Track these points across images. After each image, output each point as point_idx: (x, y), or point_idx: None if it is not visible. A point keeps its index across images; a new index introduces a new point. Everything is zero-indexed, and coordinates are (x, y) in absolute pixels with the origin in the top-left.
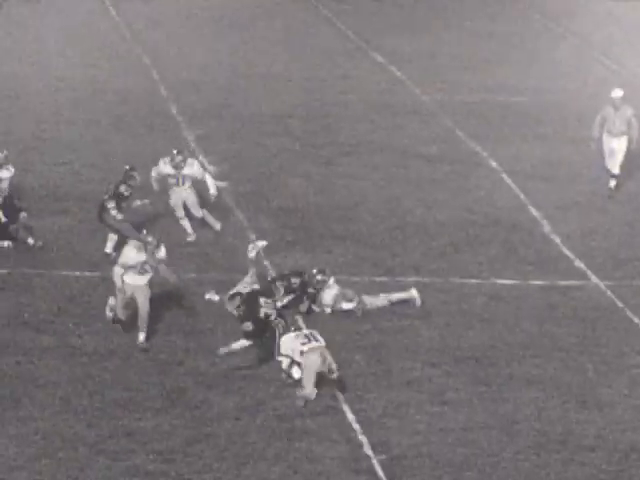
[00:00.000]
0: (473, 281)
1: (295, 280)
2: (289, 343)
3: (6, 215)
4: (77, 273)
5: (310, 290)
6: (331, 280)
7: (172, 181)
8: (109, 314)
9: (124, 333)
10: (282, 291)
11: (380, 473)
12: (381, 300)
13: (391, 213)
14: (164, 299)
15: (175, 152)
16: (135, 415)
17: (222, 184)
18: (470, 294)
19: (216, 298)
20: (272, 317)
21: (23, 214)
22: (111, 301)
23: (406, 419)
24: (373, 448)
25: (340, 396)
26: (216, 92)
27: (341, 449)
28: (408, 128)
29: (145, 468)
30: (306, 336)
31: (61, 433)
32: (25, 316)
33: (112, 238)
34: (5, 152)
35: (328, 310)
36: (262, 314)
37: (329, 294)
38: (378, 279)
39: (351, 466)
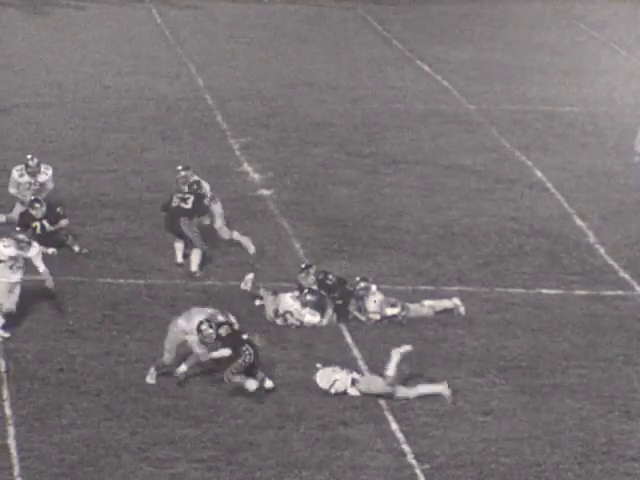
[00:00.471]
0: (517, 291)
1: (332, 278)
2: (327, 375)
3: (50, 222)
4: (121, 281)
5: (336, 296)
6: (373, 287)
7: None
8: None
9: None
10: (313, 279)
11: None
12: (426, 310)
13: (436, 222)
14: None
15: (180, 168)
16: (179, 423)
17: (267, 192)
18: (514, 304)
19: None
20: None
21: (64, 221)
22: None
23: (449, 428)
24: (416, 457)
25: (384, 405)
26: (261, 100)
27: (384, 458)
28: (453, 137)
29: (188, 476)
30: (340, 368)
31: (104, 440)
32: (69, 323)
33: (179, 247)
34: (30, 156)
35: (376, 317)
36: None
37: (372, 301)
38: (422, 288)
39: (394, 475)
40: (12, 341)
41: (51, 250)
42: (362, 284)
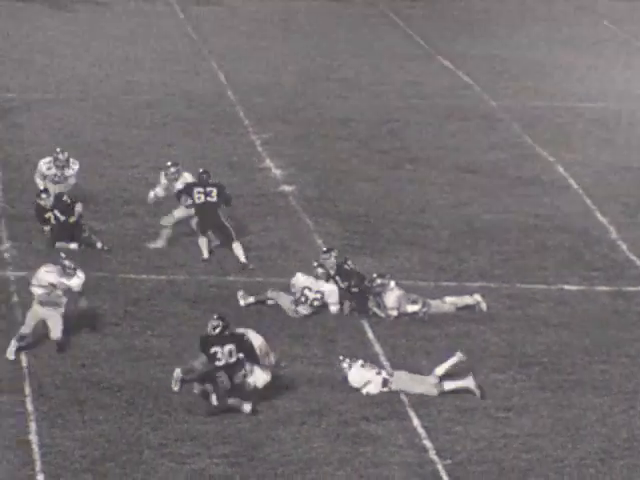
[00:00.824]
0: (539, 286)
1: (351, 264)
2: (360, 376)
3: (62, 212)
4: (143, 276)
5: (352, 284)
6: (392, 283)
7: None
8: None
9: (190, 338)
10: (334, 262)
11: (445, 478)
12: (447, 306)
13: (457, 218)
14: (229, 306)
15: (169, 164)
16: (200, 418)
17: (289, 188)
18: (536, 299)
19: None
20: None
21: (79, 206)
22: None
23: (471, 424)
24: (438, 453)
25: (405, 401)
26: (284, 96)
27: (406, 454)
28: (475, 134)
29: (210, 472)
30: (366, 363)
31: (126, 436)
32: (91, 319)
33: (204, 243)
34: (60, 149)
35: (394, 313)
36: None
37: (392, 297)
38: (444, 284)
39: (416, 471)
40: (34, 336)
41: (73, 245)
42: (379, 280)
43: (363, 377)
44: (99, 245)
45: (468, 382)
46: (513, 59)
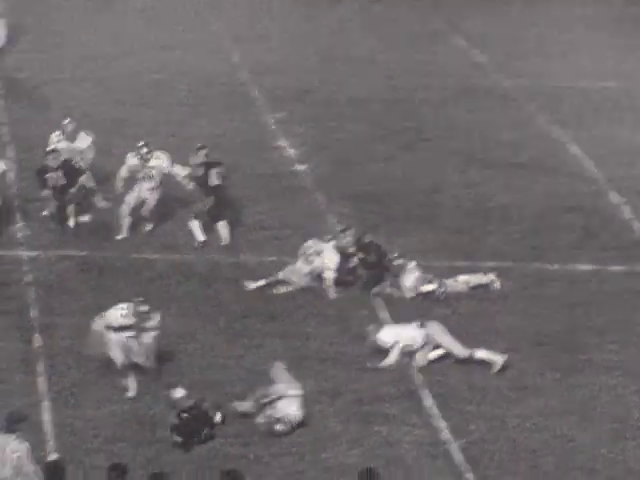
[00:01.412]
0: (553, 266)
1: (369, 237)
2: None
3: (66, 176)
4: (156, 256)
5: (368, 258)
6: (412, 264)
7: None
8: None
9: (203, 317)
10: (350, 240)
11: (458, 458)
12: (460, 285)
13: (471, 198)
14: (242, 285)
15: (141, 144)
16: (214, 398)
17: (302, 167)
18: (549, 279)
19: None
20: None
21: (84, 176)
22: None
23: (484, 404)
24: (451, 433)
25: (419, 380)
26: (297, 75)
27: (419, 433)
28: (489, 113)
29: (224, 451)
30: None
31: (139, 415)
32: (104, 299)
33: (197, 225)
34: (68, 120)
35: (412, 294)
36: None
37: (410, 277)
38: (458, 264)
39: (429, 450)
40: (47, 316)
41: (84, 217)
42: (400, 260)
43: (396, 334)
44: (103, 204)
45: (500, 358)
46: (527, 38)
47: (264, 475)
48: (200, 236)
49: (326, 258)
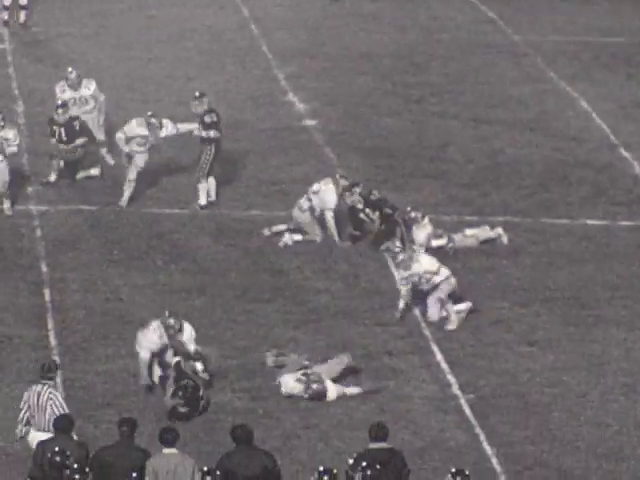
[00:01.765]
0: (562, 221)
1: (376, 194)
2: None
3: (67, 135)
4: (167, 210)
5: (371, 212)
6: (425, 219)
7: (141, 142)
8: None
9: (213, 272)
10: (358, 198)
11: (468, 412)
12: (470, 240)
13: (481, 153)
14: (252, 240)
15: (150, 114)
16: (222, 353)
17: (312, 122)
18: (559, 234)
19: (290, 242)
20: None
21: (80, 140)
22: None
23: (494, 359)
24: (461, 388)
25: (429, 336)
26: (307, 30)
27: (429, 388)
28: (499, 68)
29: (233, 405)
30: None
31: None
32: (114, 253)
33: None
34: (70, 69)
35: (422, 250)
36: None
37: (423, 233)
38: (468, 218)
39: (439, 406)
40: (57, 271)
41: (94, 171)
42: (412, 214)
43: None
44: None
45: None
46: None
47: (273, 429)
48: (203, 200)
49: (325, 197)
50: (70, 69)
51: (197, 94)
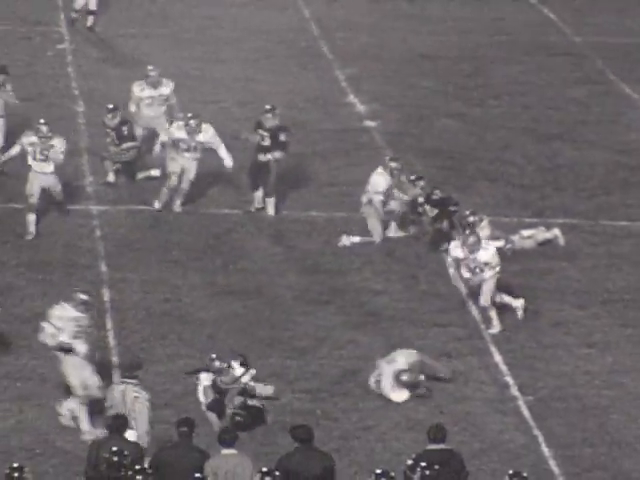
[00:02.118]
0: (622, 223)
1: (439, 194)
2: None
3: (118, 137)
4: (225, 211)
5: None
6: (484, 221)
7: (183, 147)
8: None
9: (271, 273)
10: (419, 192)
11: (526, 414)
12: (528, 242)
13: (541, 154)
14: (311, 241)
15: (189, 116)
16: (282, 354)
17: (372, 124)
18: (619, 236)
19: (348, 243)
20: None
21: (130, 143)
22: None
23: (553, 361)
24: (520, 389)
25: (487, 337)
26: (368, 32)
27: (488, 390)
28: (559, 69)
29: (292, 407)
30: None
31: None
32: (173, 253)
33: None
34: (151, 67)
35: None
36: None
37: (481, 235)
38: (527, 220)
39: (497, 407)
40: (117, 271)
41: (154, 172)
42: (471, 218)
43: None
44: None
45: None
46: None
47: (332, 430)
48: (271, 210)
49: (374, 180)
50: (151, 67)
51: (268, 107)
